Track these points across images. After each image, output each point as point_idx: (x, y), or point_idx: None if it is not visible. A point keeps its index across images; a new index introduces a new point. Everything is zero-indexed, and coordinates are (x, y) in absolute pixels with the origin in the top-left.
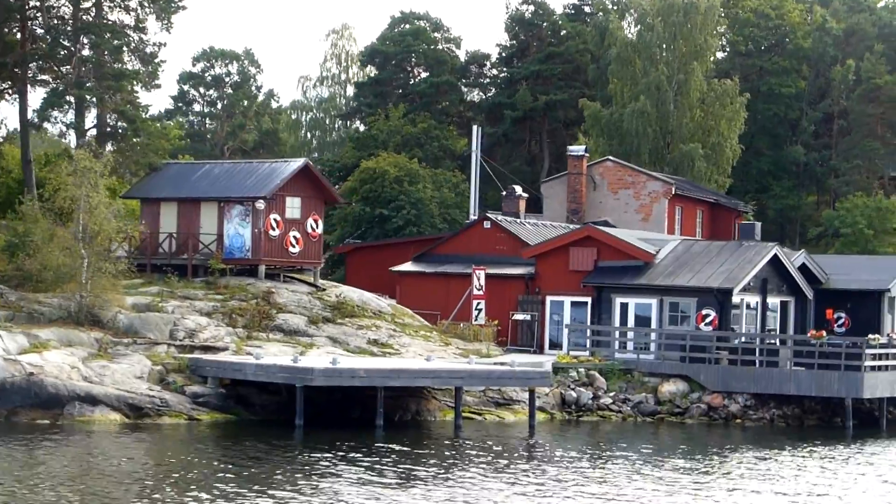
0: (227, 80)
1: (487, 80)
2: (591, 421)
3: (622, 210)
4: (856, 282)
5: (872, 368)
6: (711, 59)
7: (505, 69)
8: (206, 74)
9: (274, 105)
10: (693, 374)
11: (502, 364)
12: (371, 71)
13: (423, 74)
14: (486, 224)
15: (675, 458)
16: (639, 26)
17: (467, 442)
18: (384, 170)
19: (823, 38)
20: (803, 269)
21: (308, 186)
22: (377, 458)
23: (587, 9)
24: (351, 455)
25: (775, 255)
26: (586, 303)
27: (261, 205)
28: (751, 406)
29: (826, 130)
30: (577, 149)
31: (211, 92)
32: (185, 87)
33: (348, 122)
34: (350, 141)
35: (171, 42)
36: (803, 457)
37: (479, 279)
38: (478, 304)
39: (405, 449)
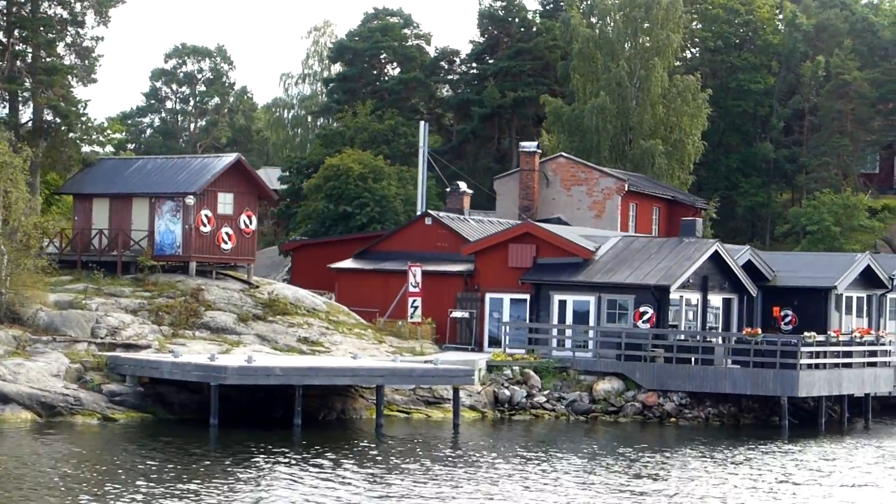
0: (199, 76)
1: (457, 76)
2: (523, 420)
3: (575, 207)
4: (803, 279)
5: (809, 366)
6: (673, 54)
7: (474, 66)
8: (178, 71)
9: (248, 102)
10: (628, 372)
11: (430, 362)
12: (340, 67)
13: (394, 71)
14: (428, 221)
15: (574, 457)
16: (599, 21)
17: (389, 441)
18: (348, 167)
19: (793, 33)
20: (749, 266)
21: (241, 182)
22: (277, 459)
23: (562, 4)
24: (255, 456)
25: (716, 251)
26: (526, 300)
27: (190, 200)
28: (686, 405)
29: (796, 127)
30: (528, 145)
31: (184, 89)
32: (158, 84)
33: (320, 120)
34: (317, 138)
35: (143, 38)
36: (702, 457)
37: (415, 276)
38: (414, 301)
39: (317, 448)
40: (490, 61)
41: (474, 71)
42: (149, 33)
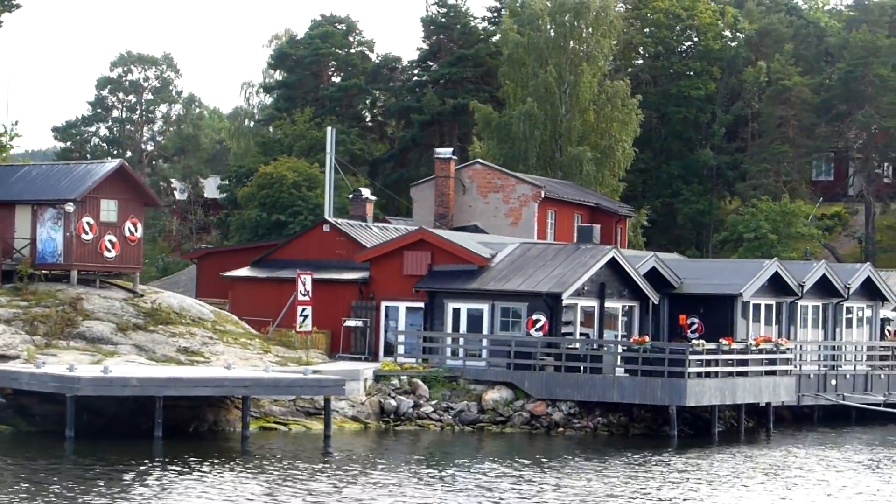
0: (145, 85)
1: (400, 83)
2: (408, 430)
3: (492, 214)
4: (709, 286)
5: (699, 375)
6: (605, 60)
7: (416, 72)
8: (124, 80)
9: (196, 110)
10: (518, 381)
11: (316, 372)
12: (280, 75)
13: (336, 79)
14: (326, 228)
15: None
16: (529, 27)
17: (244, 455)
18: (282, 175)
19: (736, 38)
20: (653, 273)
21: (125, 189)
22: (120, 471)
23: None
24: (94, 468)
25: (613, 258)
26: (422, 308)
27: (70, 207)
28: (575, 414)
29: (739, 133)
30: (443, 151)
31: (130, 97)
32: (103, 93)
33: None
34: (256, 146)
35: (90, 47)
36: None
37: (304, 284)
38: (303, 310)
39: (166, 460)
40: (430, 68)
41: (416, 78)
42: (95, 41)
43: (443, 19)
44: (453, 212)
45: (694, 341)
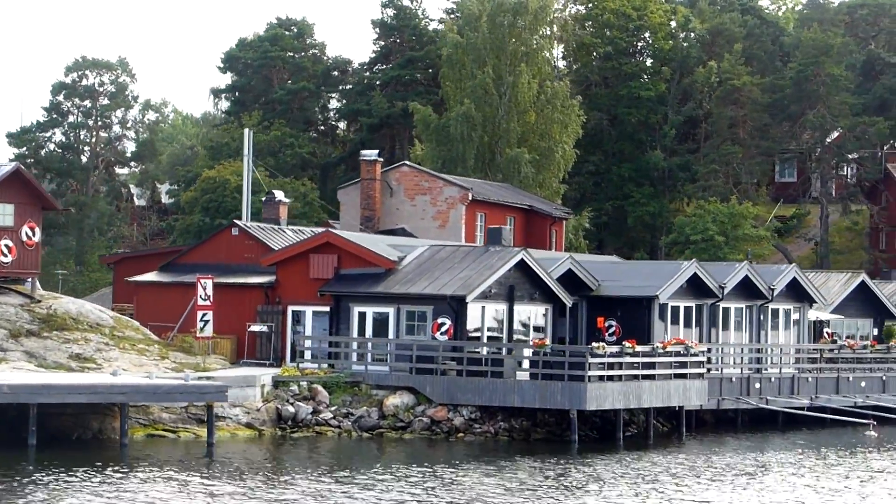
0: (100, 90)
1: (352, 86)
2: (305, 437)
3: (419, 217)
4: (626, 288)
5: (600, 378)
6: (544, 61)
7: (366, 75)
8: (79, 85)
9: (152, 116)
10: (419, 386)
11: (210, 378)
12: (231, 78)
13: (288, 81)
14: (235, 231)
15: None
16: (466, 27)
17: (124, 462)
18: (225, 179)
19: (689, 38)
20: (570, 275)
21: (22, 193)
22: None
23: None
24: None
25: (522, 261)
26: (329, 312)
27: None
28: (477, 419)
29: (691, 135)
30: (369, 153)
31: (86, 103)
32: (59, 98)
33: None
34: (204, 150)
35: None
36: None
37: (204, 289)
38: (204, 315)
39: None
40: (380, 70)
41: (366, 80)
42: (52, 46)
43: (393, 21)
44: (380, 214)
45: (594, 344)
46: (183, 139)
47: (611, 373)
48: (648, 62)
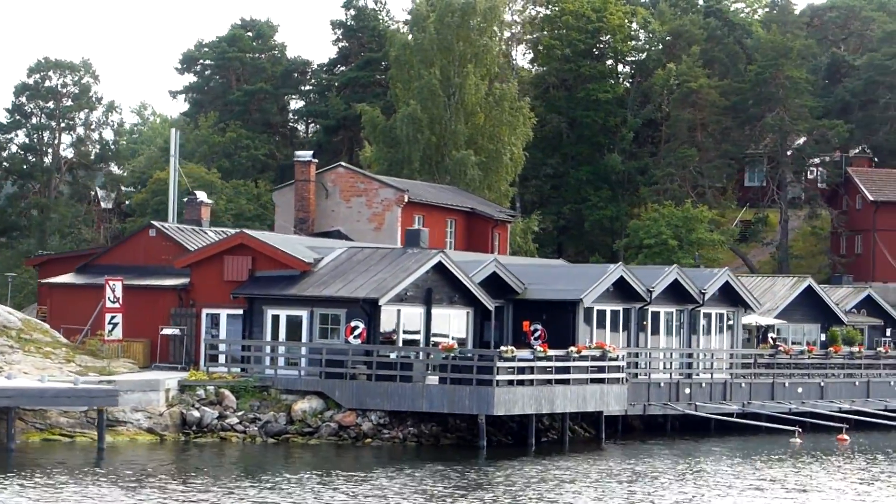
0: (63, 91)
1: (311, 87)
2: (208, 443)
3: (355, 219)
4: (551, 292)
5: (510, 383)
6: (493, 61)
7: (324, 76)
8: (42, 86)
9: (116, 117)
10: (328, 390)
11: (111, 382)
12: (189, 79)
13: (252, 82)
14: (152, 232)
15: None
16: (415, 27)
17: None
18: (177, 181)
19: (649, 40)
20: (495, 278)
21: None
22: None
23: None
24: None
25: (441, 263)
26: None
27: None
28: (386, 424)
29: (650, 138)
30: (303, 154)
31: (49, 104)
32: (21, 100)
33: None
34: (159, 151)
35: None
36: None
37: (113, 291)
38: (112, 317)
39: None
40: (338, 72)
41: (325, 82)
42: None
43: (353, 23)
44: (314, 217)
45: (503, 347)
46: (160, 141)
47: (522, 377)
48: (608, 63)
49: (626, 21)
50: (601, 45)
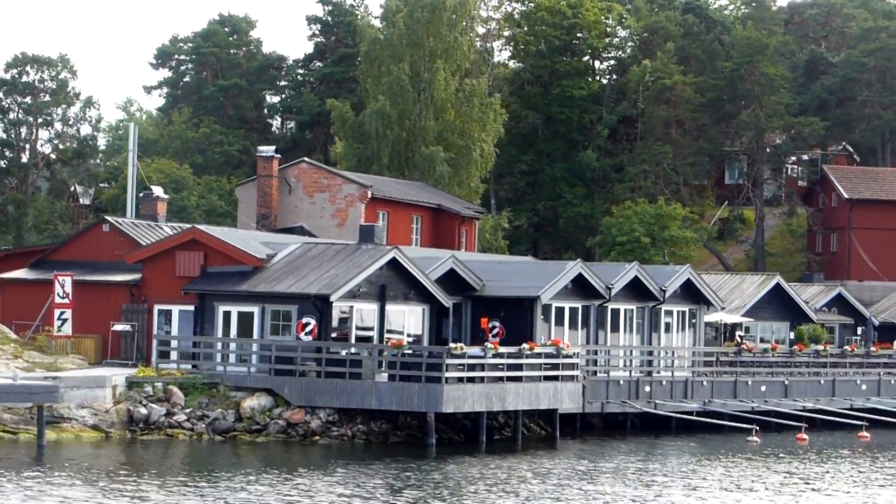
0: (41, 86)
1: (287, 82)
2: (155, 440)
3: (318, 215)
4: (509, 288)
5: (460, 380)
6: (463, 57)
7: (299, 72)
8: (19, 82)
9: (94, 113)
10: (278, 387)
11: (57, 379)
12: (164, 74)
13: (227, 78)
14: (105, 228)
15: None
16: (384, 23)
17: None
18: (147, 176)
19: (629, 36)
20: (452, 274)
21: None
22: None
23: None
24: None
25: (395, 259)
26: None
27: None
28: (335, 422)
29: (625, 135)
30: (266, 149)
31: (27, 99)
32: None
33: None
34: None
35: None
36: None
37: (62, 286)
38: (61, 313)
39: None
40: (313, 67)
41: (300, 77)
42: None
43: (328, 18)
44: (276, 212)
45: (452, 345)
46: (148, 137)
47: (472, 374)
48: (586, 59)
49: (602, 17)
50: (577, 42)
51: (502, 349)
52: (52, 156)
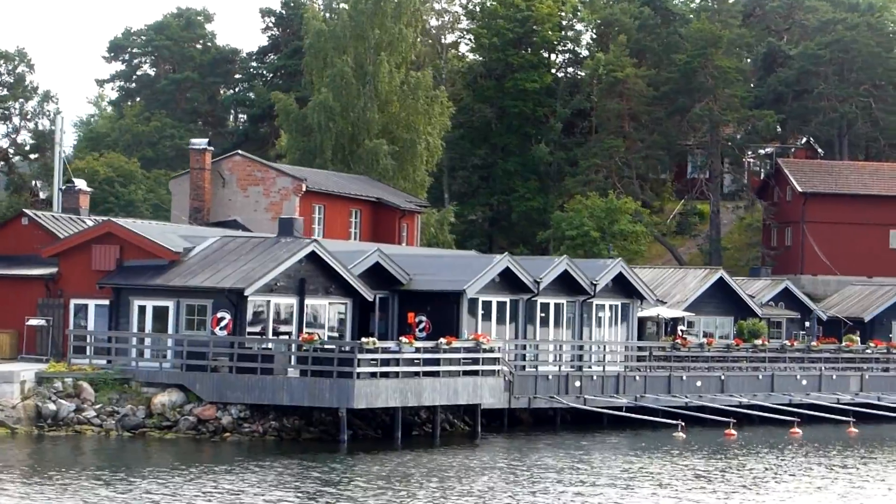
0: None
1: (241, 76)
2: (63, 436)
3: (252, 208)
4: (435, 282)
5: (373, 375)
6: (408, 49)
7: (252, 65)
8: None
9: (52, 107)
10: (189, 383)
11: None
12: (117, 68)
13: (180, 71)
14: (24, 221)
15: None
16: (328, 14)
17: None
18: (94, 170)
19: (581, 31)
20: (378, 268)
21: None
22: None
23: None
24: None
25: (315, 252)
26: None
27: None
28: (247, 418)
29: (579, 129)
30: (199, 142)
31: None
32: None
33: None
34: (84, 140)
35: None
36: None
37: None
38: None
39: None
40: (267, 60)
41: (253, 70)
42: None
43: (282, 10)
44: (209, 206)
45: (364, 339)
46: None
47: (387, 369)
48: (541, 52)
49: (557, 10)
50: (531, 35)
51: (418, 343)
52: (10, 150)
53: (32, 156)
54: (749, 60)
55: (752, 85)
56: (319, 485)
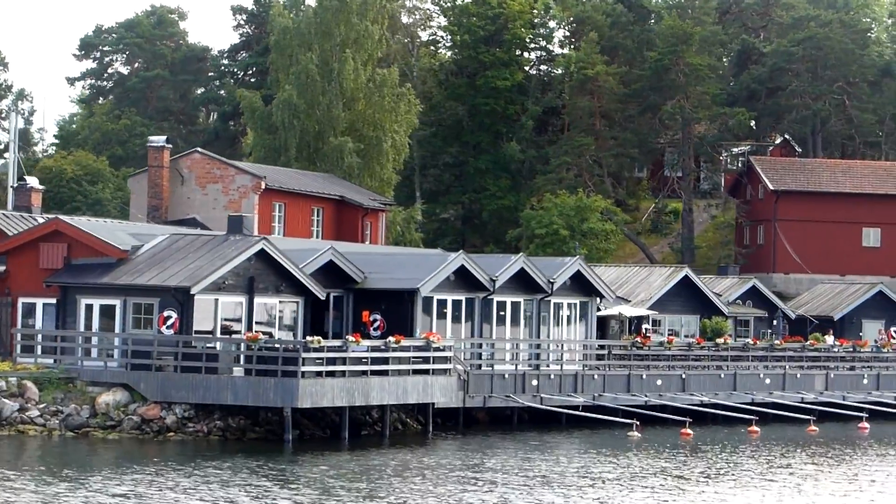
0: None
1: (213, 74)
2: (4, 436)
3: (211, 206)
4: (389, 281)
5: (318, 374)
6: (374, 47)
7: (224, 63)
8: None
9: (26, 105)
10: (134, 382)
11: None
12: (88, 66)
13: (151, 69)
14: None
15: None
16: (293, 11)
17: None
18: (61, 169)
19: (553, 28)
20: (332, 266)
21: None
22: None
23: None
24: None
25: (264, 250)
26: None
27: None
28: (191, 418)
29: (551, 126)
30: (157, 139)
31: None
32: None
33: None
34: (55, 138)
35: None
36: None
37: None
38: None
39: None
40: (239, 58)
41: (224, 68)
42: None
43: (253, 8)
44: (167, 204)
45: (309, 338)
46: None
47: (333, 368)
48: (512, 50)
49: (529, 7)
50: (503, 32)
51: (366, 342)
52: None
53: (7, 154)
54: (725, 59)
55: (730, 83)
56: (247, 484)
